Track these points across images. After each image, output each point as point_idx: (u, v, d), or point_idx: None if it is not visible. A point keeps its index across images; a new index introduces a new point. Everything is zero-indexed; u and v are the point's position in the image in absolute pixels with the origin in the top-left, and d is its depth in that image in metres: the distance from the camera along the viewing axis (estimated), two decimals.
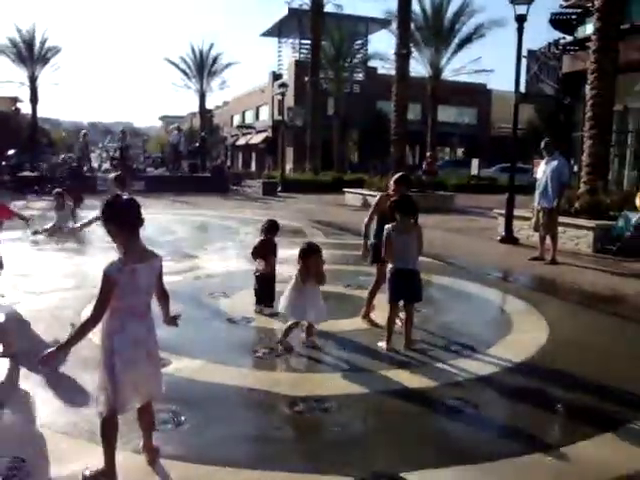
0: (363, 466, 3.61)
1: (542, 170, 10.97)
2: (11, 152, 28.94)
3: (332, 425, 4.22)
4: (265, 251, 6.82)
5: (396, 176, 6.81)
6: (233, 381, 4.96)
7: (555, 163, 10.79)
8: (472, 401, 4.64)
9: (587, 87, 14.05)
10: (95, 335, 3.46)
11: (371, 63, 45.19)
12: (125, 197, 3.48)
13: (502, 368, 5.41)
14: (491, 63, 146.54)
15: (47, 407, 4.46)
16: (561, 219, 11.65)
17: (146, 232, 3.55)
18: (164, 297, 3.65)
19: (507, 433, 4.23)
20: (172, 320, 3.70)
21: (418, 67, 35.03)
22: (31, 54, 41.40)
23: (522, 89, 13.82)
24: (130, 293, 3.31)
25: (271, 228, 6.98)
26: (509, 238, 13.03)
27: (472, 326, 6.78)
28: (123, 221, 3.35)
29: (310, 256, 5.72)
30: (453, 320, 6.98)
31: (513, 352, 5.82)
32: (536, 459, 3.81)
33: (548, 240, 10.92)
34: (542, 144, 11.14)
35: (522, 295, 8.30)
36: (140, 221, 3.39)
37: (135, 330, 3.36)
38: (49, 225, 13.23)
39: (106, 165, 30.01)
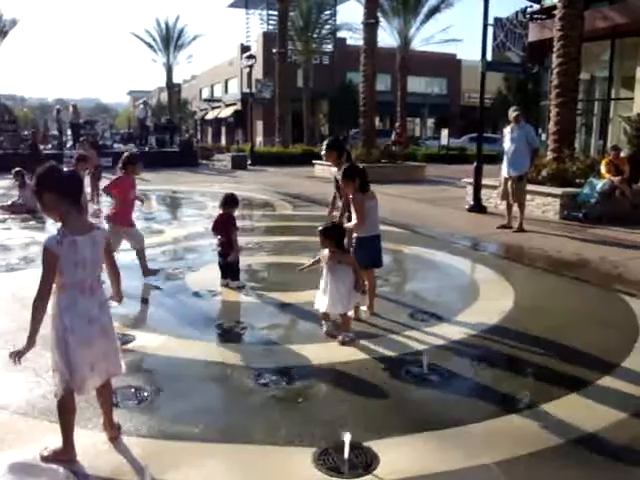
0: (327, 437, 3.61)
1: (509, 138, 10.97)
2: None
3: (296, 396, 4.20)
4: (225, 225, 6.73)
5: (324, 144, 6.42)
6: (197, 355, 4.89)
7: (522, 131, 10.80)
8: (438, 368, 4.66)
9: (553, 55, 14.05)
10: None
11: (340, 34, 44.78)
12: (59, 168, 3.37)
13: (468, 335, 5.44)
14: (460, 33, 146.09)
15: (6, 388, 4.36)
16: (528, 187, 11.68)
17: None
18: (114, 272, 3.55)
19: (473, 398, 4.25)
20: (118, 298, 3.61)
21: (387, 38, 34.78)
22: None
23: (489, 58, 13.73)
24: (74, 267, 3.19)
25: (228, 202, 6.88)
26: (477, 207, 13.10)
27: (439, 294, 6.80)
28: (65, 191, 3.22)
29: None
30: (420, 288, 7.00)
31: (479, 318, 5.86)
32: (502, 422, 3.86)
33: (515, 208, 10.98)
34: (509, 112, 11.13)
35: (489, 263, 8.36)
36: (81, 194, 3.29)
37: (86, 306, 3.25)
38: (8, 202, 13.02)
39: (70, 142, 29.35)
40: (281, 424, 3.81)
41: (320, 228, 5.35)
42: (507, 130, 11.21)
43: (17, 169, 13.27)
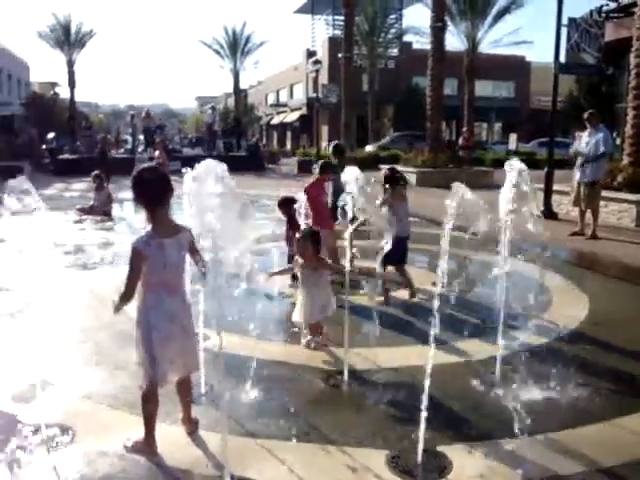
0: (399, 440, 3.62)
1: (585, 142, 10.65)
2: (51, 135, 29.47)
3: (369, 399, 4.23)
4: (292, 232, 6.74)
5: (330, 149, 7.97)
6: (270, 355, 5.01)
7: (599, 135, 10.47)
8: (513, 374, 4.60)
9: (631, 55, 13.54)
10: (131, 309, 3.51)
11: (406, 38, 44.50)
12: (151, 170, 3.47)
13: (543, 342, 5.35)
14: (531, 34, 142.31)
15: (90, 380, 4.58)
16: (603, 193, 11.34)
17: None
18: (199, 262, 3.53)
19: (550, 407, 4.17)
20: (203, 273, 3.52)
21: (454, 41, 34.32)
22: (68, 39, 41.84)
23: (562, 59, 13.38)
24: (161, 267, 3.34)
25: (282, 203, 7.29)
26: (548, 213, 12.76)
27: (510, 301, 6.66)
28: (148, 195, 3.36)
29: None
30: (490, 294, 6.88)
31: (553, 326, 5.75)
32: (580, 433, 3.79)
33: (589, 214, 10.65)
34: (585, 115, 10.81)
35: (561, 270, 8.14)
36: (166, 195, 3.37)
37: (170, 305, 3.40)
38: (90, 203, 13.56)
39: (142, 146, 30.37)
40: (353, 425, 3.85)
41: (299, 235, 5.24)
42: (583, 134, 10.88)
43: (96, 172, 13.83)
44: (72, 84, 41.73)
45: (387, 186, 6.67)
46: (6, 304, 6.40)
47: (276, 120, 61.11)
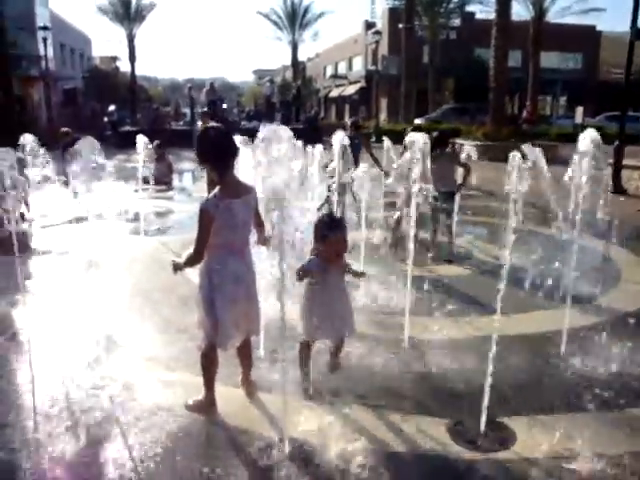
0: (461, 410, 3.56)
1: None
2: (112, 108, 30.10)
3: (428, 369, 4.17)
4: None
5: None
6: None
7: None
8: (577, 350, 4.46)
9: None
10: (192, 274, 3.52)
11: (468, 8, 43.13)
12: (216, 129, 3.45)
13: (610, 317, 5.18)
14: (602, 1, 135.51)
15: (152, 343, 4.68)
16: None
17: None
18: (260, 226, 3.56)
19: (612, 383, 4.01)
20: (265, 240, 3.54)
21: (520, 9, 33.05)
22: (128, 12, 42.26)
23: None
24: (228, 228, 3.30)
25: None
26: (617, 188, 12.23)
27: (577, 276, 6.42)
28: (215, 154, 3.33)
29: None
30: (557, 269, 6.65)
31: (622, 302, 5.54)
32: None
33: None
34: None
35: (628, 246, 7.80)
36: (232, 154, 3.35)
37: (234, 266, 3.37)
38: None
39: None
40: (414, 394, 3.80)
41: (330, 223, 3.68)
42: None
43: (157, 142, 13.99)
44: (132, 58, 42.32)
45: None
46: (71, 268, 6.58)
47: (334, 93, 60.65)
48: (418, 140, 4.52)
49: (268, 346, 4.24)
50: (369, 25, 48.30)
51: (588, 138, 4.34)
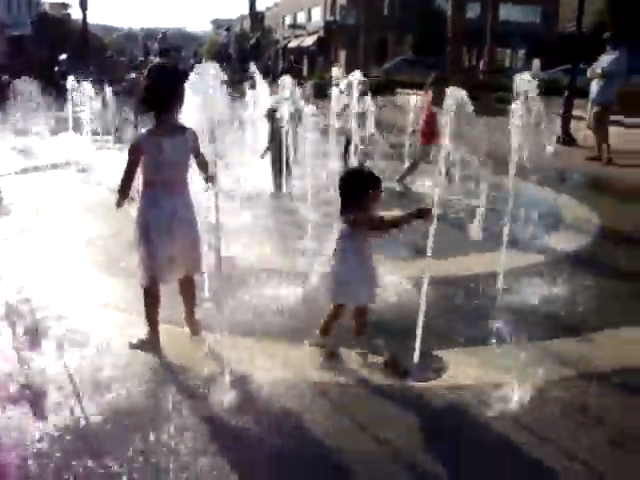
0: (396, 346, 3.70)
1: (600, 66, 10.42)
2: (63, 57, 29.02)
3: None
4: None
5: None
6: (281, 266, 5.12)
7: (612, 56, 10.30)
8: (511, 290, 4.66)
9: None
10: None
11: None
12: (161, 67, 3.47)
13: (544, 260, 5.42)
14: None
15: (103, 289, 4.69)
16: (628, 120, 11.20)
17: None
18: (202, 165, 3.56)
19: (542, 319, 4.24)
20: (210, 179, 3.48)
21: None
22: None
23: None
24: (157, 165, 3.37)
25: None
26: (566, 139, 12.50)
27: (519, 221, 6.63)
28: (151, 93, 3.38)
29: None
30: (497, 215, 6.85)
31: (558, 245, 5.79)
32: (563, 343, 3.91)
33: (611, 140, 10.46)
34: (604, 36, 10.55)
35: (572, 194, 8.06)
36: (174, 96, 3.37)
37: (168, 203, 3.43)
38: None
39: None
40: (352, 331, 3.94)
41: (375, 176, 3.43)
42: (604, 56, 10.61)
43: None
44: (84, 5, 40.66)
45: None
46: (19, 217, 6.48)
47: (293, 44, 59.60)
48: None
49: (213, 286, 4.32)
50: None
51: (523, 85, 4.39)
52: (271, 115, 7.47)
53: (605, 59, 10.42)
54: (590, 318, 4.25)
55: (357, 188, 3.32)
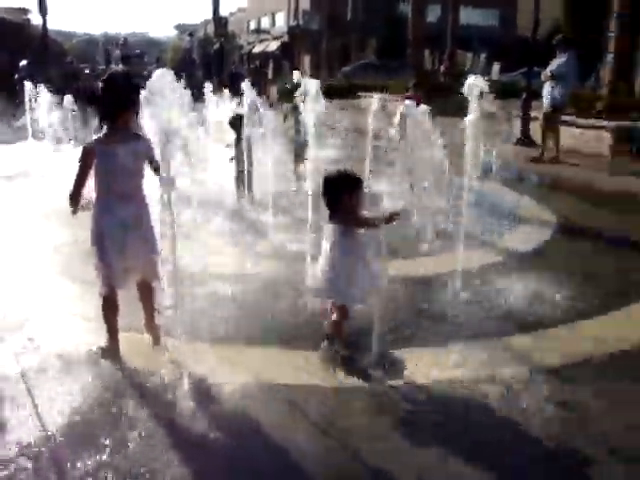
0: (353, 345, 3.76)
1: (550, 69, 10.83)
2: (23, 63, 28.48)
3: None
4: None
5: None
6: (237, 271, 5.17)
7: (559, 60, 10.73)
8: (469, 288, 4.79)
9: None
10: None
11: None
12: (117, 74, 3.49)
13: (498, 260, 5.54)
14: None
15: (62, 296, 4.67)
16: (580, 121, 11.63)
17: None
18: (158, 171, 3.47)
19: (499, 317, 4.36)
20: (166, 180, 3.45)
21: None
22: None
23: None
24: (108, 173, 3.40)
25: None
26: (524, 140, 12.78)
27: (472, 221, 6.74)
28: (104, 101, 3.40)
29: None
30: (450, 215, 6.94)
31: (512, 244, 5.90)
32: (521, 340, 4.01)
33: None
34: (554, 41, 10.92)
35: (529, 192, 8.26)
36: (126, 105, 3.39)
37: (124, 212, 3.45)
38: None
39: None
40: (310, 332, 3.99)
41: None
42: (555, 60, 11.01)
43: None
44: (44, 11, 40.00)
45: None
46: None
47: (258, 49, 59.49)
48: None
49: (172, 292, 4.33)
50: None
51: (473, 87, 4.51)
52: (234, 123, 7.52)
53: (555, 62, 10.84)
54: (546, 314, 4.39)
55: (341, 190, 3.44)
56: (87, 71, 29.34)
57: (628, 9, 13.24)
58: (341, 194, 3.44)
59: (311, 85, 4.60)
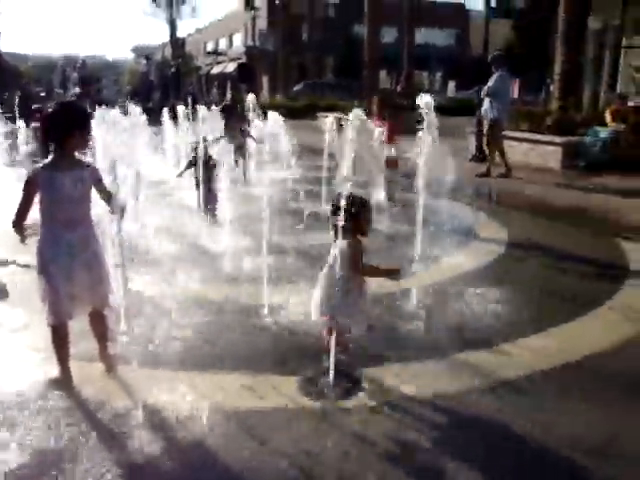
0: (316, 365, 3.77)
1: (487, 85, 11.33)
2: None
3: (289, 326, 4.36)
4: None
5: None
6: (193, 295, 5.10)
7: (494, 77, 11.18)
8: (420, 306, 4.87)
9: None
10: None
11: None
12: (66, 104, 3.48)
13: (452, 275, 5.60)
14: None
15: (16, 324, 4.54)
16: (530, 136, 12.04)
17: None
18: (107, 198, 3.60)
19: (456, 333, 4.41)
20: (116, 210, 3.64)
21: None
22: None
23: (493, 3, 13.50)
24: (51, 201, 3.35)
25: None
26: (478, 156, 13.04)
27: (421, 238, 6.82)
28: (48, 129, 3.39)
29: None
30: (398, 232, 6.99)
31: (465, 260, 6.02)
32: (479, 355, 4.07)
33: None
34: (489, 59, 11.36)
35: (481, 207, 8.45)
36: (71, 133, 3.36)
37: (69, 240, 3.39)
38: None
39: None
40: (268, 354, 3.98)
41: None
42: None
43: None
44: None
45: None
46: None
47: (216, 70, 59.59)
48: None
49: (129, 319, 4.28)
50: (248, 0, 47.73)
51: (424, 104, 4.62)
52: (195, 148, 7.91)
53: (492, 79, 11.27)
54: (501, 329, 4.46)
55: (350, 213, 3.46)
56: (42, 94, 28.88)
57: (575, 26, 13.65)
58: (352, 217, 3.48)
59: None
